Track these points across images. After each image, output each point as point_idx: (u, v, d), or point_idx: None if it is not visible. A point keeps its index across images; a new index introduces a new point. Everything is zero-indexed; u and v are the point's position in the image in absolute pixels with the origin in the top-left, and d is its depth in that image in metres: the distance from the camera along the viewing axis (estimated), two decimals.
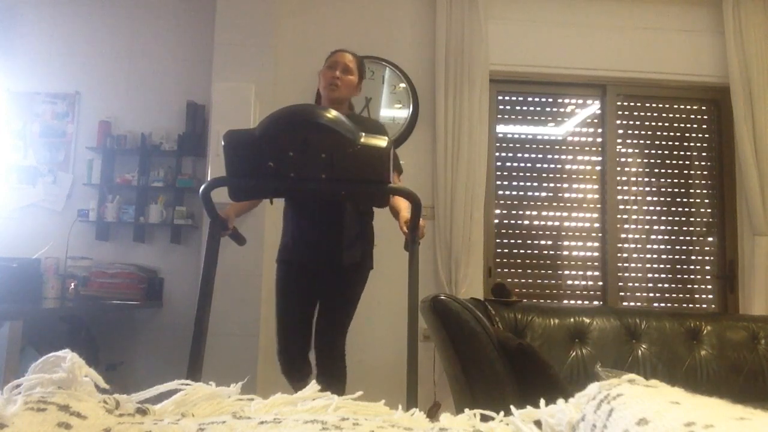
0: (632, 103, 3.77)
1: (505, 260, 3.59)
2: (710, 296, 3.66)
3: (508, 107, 3.72)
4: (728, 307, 3.59)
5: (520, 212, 3.65)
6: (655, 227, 3.69)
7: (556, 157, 3.71)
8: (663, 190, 3.73)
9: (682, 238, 3.69)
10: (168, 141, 3.51)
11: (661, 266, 3.66)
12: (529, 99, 3.73)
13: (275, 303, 2.41)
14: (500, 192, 3.63)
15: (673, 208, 3.71)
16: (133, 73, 3.64)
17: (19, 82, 3.61)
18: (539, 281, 3.61)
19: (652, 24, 3.71)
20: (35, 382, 0.60)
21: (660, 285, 3.65)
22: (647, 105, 3.77)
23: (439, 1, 3.52)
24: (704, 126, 3.80)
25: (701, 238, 3.70)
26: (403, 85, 3.56)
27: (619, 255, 3.63)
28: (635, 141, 3.75)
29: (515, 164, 3.68)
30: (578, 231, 3.67)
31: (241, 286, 3.17)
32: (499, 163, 3.65)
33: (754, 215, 3.48)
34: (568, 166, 3.71)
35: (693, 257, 3.68)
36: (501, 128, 3.68)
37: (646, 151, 3.75)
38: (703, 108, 3.80)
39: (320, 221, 2.32)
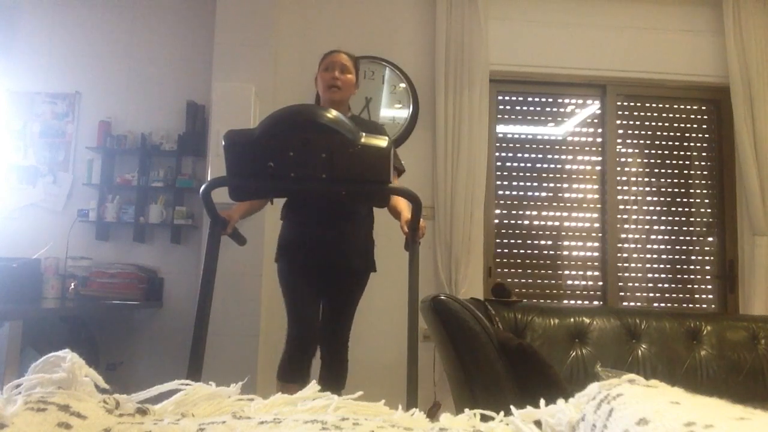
0: (632, 103, 3.77)
1: (505, 260, 3.59)
2: (710, 296, 3.66)
3: (508, 107, 3.72)
4: (728, 307, 3.59)
5: (520, 212, 3.65)
6: (655, 227, 3.69)
7: (556, 157, 3.71)
8: (663, 190, 3.73)
9: (682, 238, 3.69)
10: (168, 141, 3.51)
11: (661, 266, 3.65)
12: (529, 99, 3.73)
13: (285, 300, 2.36)
14: (500, 192, 3.63)
15: (673, 208, 3.71)
16: (133, 73, 3.64)
17: (19, 82, 3.61)
18: (539, 281, 3.60)
19: (652, 24, 3.71)
20: (35, 382, 0.60)
21: (660, 285, 3.64)
22: (647, 105, 3.77)
23: (439, 1, 3.52)
24: (704, 126, 3.80)
25: (701, 238, 3.70)
26: (403, 85, 3.56)
27: (619, 255, 3.63)
28: (635, 141, 3.75)
29: (515, 164, 3.68)
30: (578, 231, 3.67)
31: (241, 286, 3.17)
32: (499, 163, 3.65)
33: (754, 215, 3.48)
34: (568, 166, 3.71)
35: (693, 257, 3.68)
36: (501, 128, 3.68)
37: (646, 151, 3.75)
38: (703, 108, 3.80)
39: (328, 224, 2.31)
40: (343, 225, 2.33)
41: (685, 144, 3.76)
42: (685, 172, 3.73)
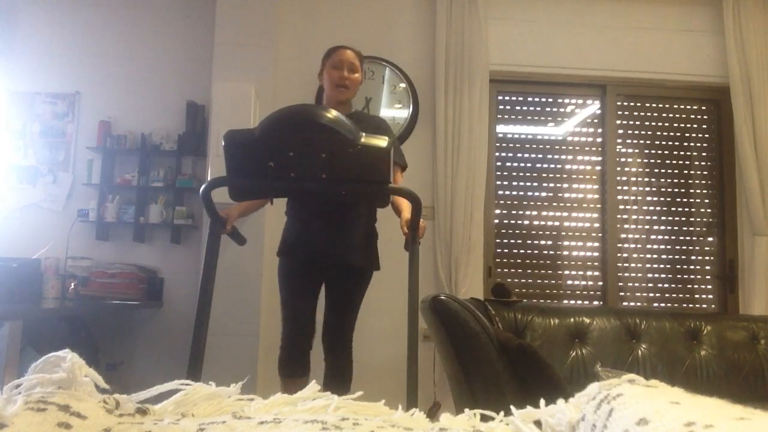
0: (632, 103, 3.76)
1: (505, 260, 3.59)
2: (710, 296, 3.66)
3: (508, 107, 3.72)
4: (728, 307, 3.59)
5: (520, 212, 3.65)
6: (655, 227, 3.69)
7: (556, 157, 3.71)
8: (663, 190, 3.72)
9: (682, 238, 3.69)
10: (168, 141, 3.51)
11: (661, 266, 3.65)
12: (529, 99, 3.73)
13: (282, 296, 2.38)
14: (500, 192, 3.63)
15: (673, 208, 3.71)
16: (133, 73, 3.64)
17: (19, 82, 3.61)
18: (539, 281, 3.60)
19: (652, 24, 3.71)
20: (35, 382, 0.60)
21: (660, 285, 3.64)
22: (647, 105, 3.77)
23: (439, 1, 3.52)
24: (704, 126, 3.79)
25: (701, 238, 3.70)
26: (403, 85, 3.56)
27: (619, 255, 3.63)
28: (635, 141, 3.75)
29: (515, 164, 3.68)
30: (578, 231, 3.67)
31: (241, 286, 3.17)
32: (499, 163, 3.65)
33: (754, 215, 3.48)
34: (568, 166, 3.71)
35: (693, 257, 3.68)
36: (501, 128, 3.68)
37: (646, 151, 3.75)
38: (703, 108, 3.80)
39: (329, 221, 2.31)
40: (344, 222, 2.33)
41: (685, 144, 3.76)
42: (685, 172, 3.73)
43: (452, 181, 3.38)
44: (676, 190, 3.72)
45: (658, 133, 3.75)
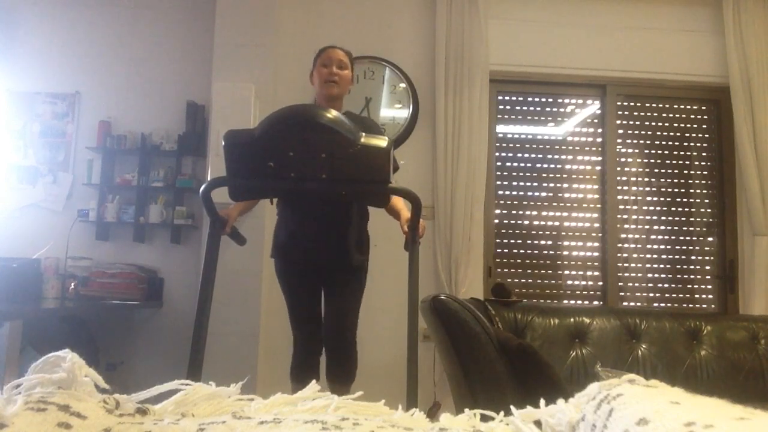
0: (632, 103, 3.76)
1: (505, 260, 3.59)
2: (710, 296, 3.66)
3: (508, 107, 3.72)
4: (728, 307, 3.59)
5: (520, 212, 3.65)
6: (655, 227, 3.69)
7: (556, 157, 3.71)
8: (663, 190, 3.72)
9: (682, 238, 3.69)
10: (168, 141, 3.51)
11: (661, 266, 3.65)
12: (529, 99, 3.73)
13: (286, 300, 2.40)
14: (500, 192, 3.63)
15: (673, 208, 3.71)
16: (133, 73, 3.64)
17: (19, 82, 3.61)
18: (539, 281, 3.60)
19: (652, 24, 3.71)
20: (35, 382, 0.60)
21: (660, 285, 3.64)
22: (647, 105, 3.77)
23: (439, 1, 3.52)
24: (704, 126, 3.80)
25: (701, 238, 3.70)
26: (403, 85, 3.56)
27: (619, 255, 3.62)
28: (635, 141, 3.75)
29: (515, 164, 3.68)
30: (578, 231, 3.67)
31: (241, 286, 3.17)
32: (499, 163, 3.65)
33: (754, 215, 3.48)
34: (568, 166, 3.71)
35: (693, 257, 3.68)
36: (501, 128, 3.68)
37: (646, 151, 3.75)
38: (703, 108, 3.80)
39: (322, 221, 2.32)
40: (337, 222, 2.33)
41: (685, 144, 3.76)
42: (685, 172, 3.73)
43: (452, 181, 3.38)
44: (676, 190, 3.72)
45: (658, 133, 3.75)
